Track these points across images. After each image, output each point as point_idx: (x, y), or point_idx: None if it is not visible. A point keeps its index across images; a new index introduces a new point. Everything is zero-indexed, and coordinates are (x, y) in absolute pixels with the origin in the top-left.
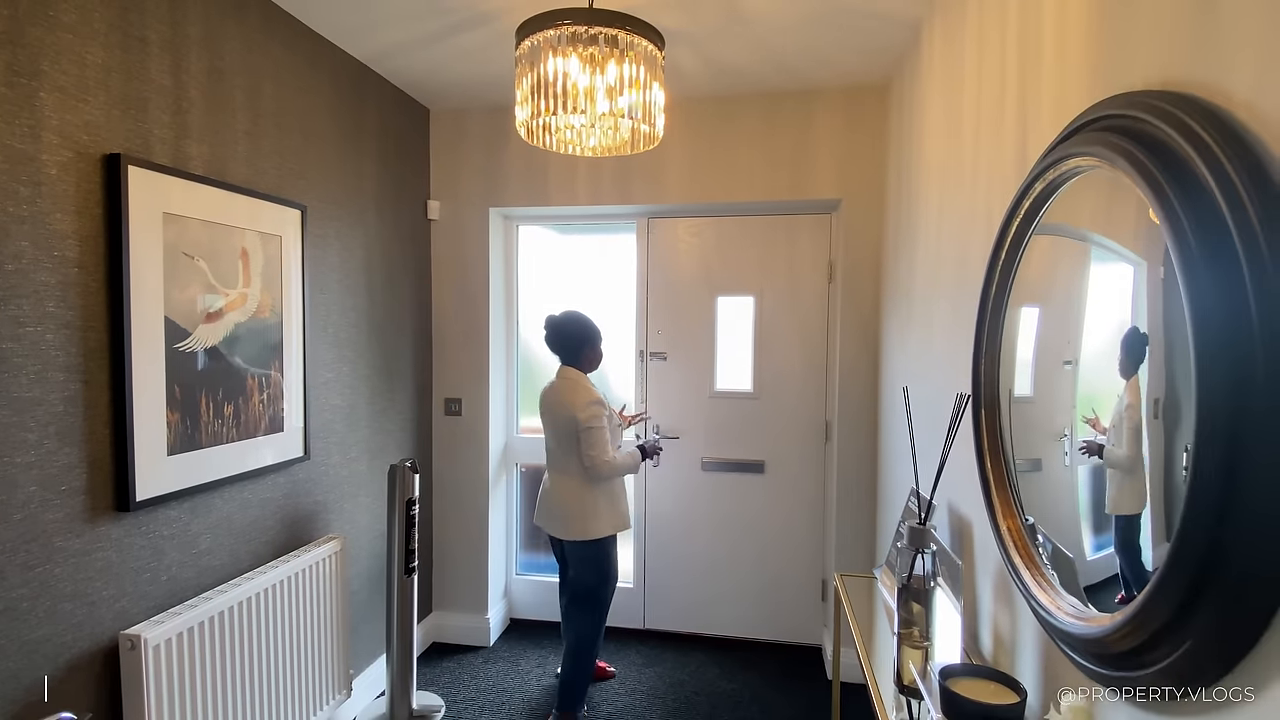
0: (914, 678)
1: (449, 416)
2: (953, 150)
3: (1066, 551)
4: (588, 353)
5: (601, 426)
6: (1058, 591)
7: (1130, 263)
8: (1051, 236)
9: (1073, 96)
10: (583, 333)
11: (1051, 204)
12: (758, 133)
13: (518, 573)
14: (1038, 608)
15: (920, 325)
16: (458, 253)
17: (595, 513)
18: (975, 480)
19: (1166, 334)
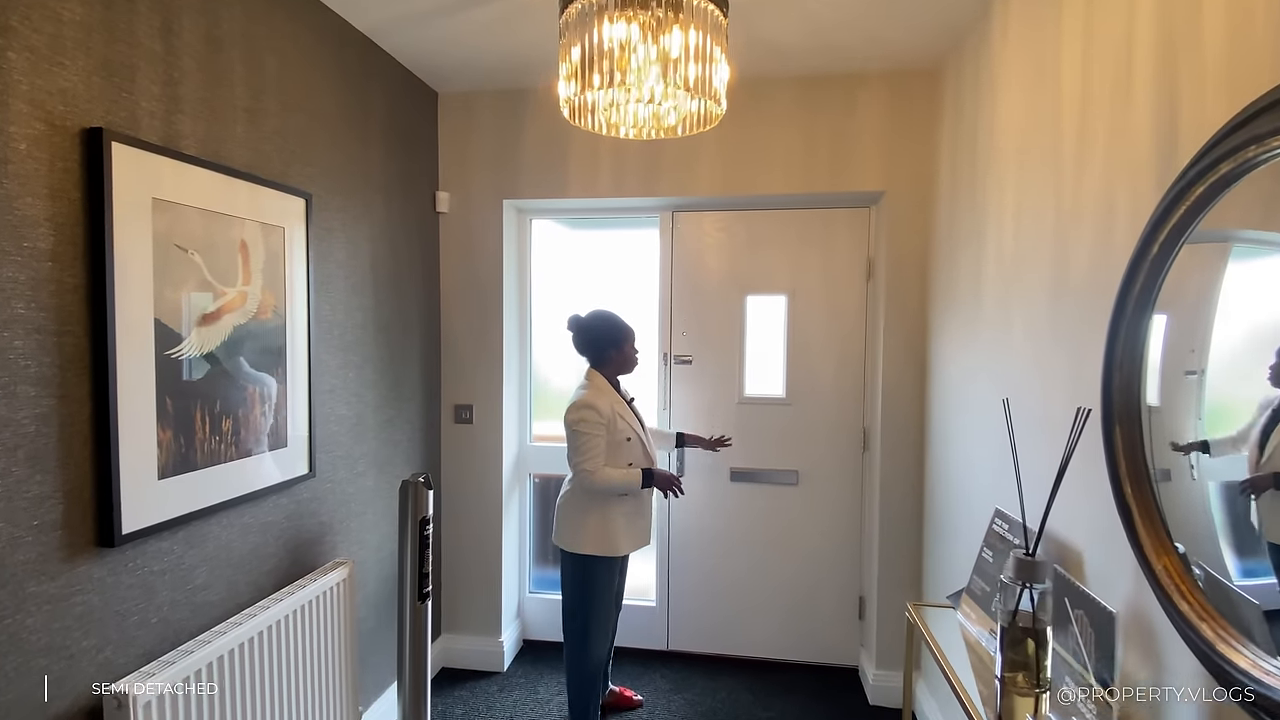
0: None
1: (459, 424)
2: (1040, 137)
3: (1233, 586)
4: (613, 354)
5: (587, 433)
6: (1246, 645)
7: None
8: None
9: (1256, 67)
10: (607, 332)
11: (1221, 200)
12: (796, 120)
13: (531, 590)
14: (1228, 668)
15: (994, 329)
16: (468, 248)
17: (581, 525)
18: (1090, 505)
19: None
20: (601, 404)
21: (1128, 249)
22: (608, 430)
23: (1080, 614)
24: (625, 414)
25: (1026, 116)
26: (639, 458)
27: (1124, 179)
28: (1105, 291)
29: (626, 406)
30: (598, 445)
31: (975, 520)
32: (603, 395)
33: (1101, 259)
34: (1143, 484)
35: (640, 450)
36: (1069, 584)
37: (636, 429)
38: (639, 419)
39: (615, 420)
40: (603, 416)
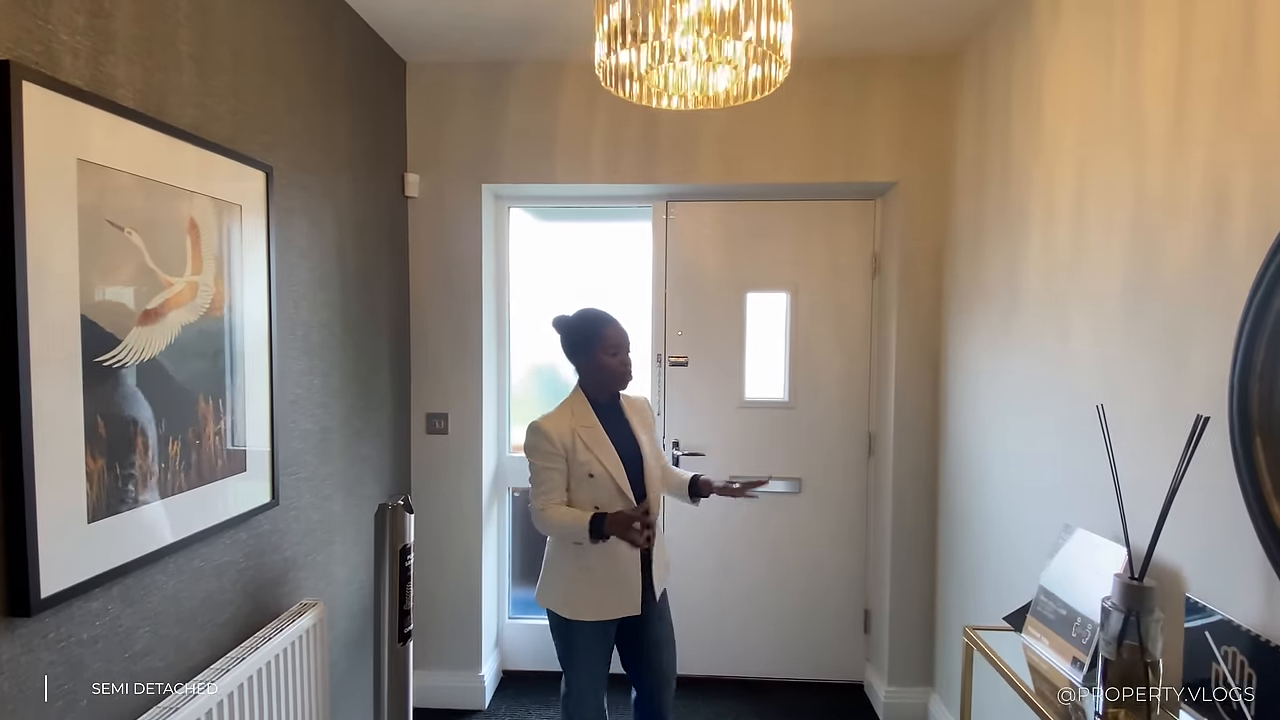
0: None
1: (432, 435)
2: (1109, 118)
3: None
4: (584, 363)
5: (536, 463)
6: None
7: None
8: None
9: None
10: (578, 337)
11: None
12: (806, 104)
13: (511, 616)
14: None
15: (1044, 330)
16: (441, 237)
17: (546, 572)
18: (1204, 524)
19: None
20: (554, 428)
21: (1253, 246)
22: (564, 460)
23: (1232, 652)
24: (595, 443)
25: (1088, 97)
26: (607, 500)
27: (1244, 160)
28: (1219, 289)
29: (599, 434)
30: (550, 479)
31: (1028, 535)
32: (562, 417)
33: (1212, 253)
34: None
35: (609, 490)
36: (1214, 617)
37: (604, 464)
38: (629, 452)
39: (575, 449)
40: (554, 444)
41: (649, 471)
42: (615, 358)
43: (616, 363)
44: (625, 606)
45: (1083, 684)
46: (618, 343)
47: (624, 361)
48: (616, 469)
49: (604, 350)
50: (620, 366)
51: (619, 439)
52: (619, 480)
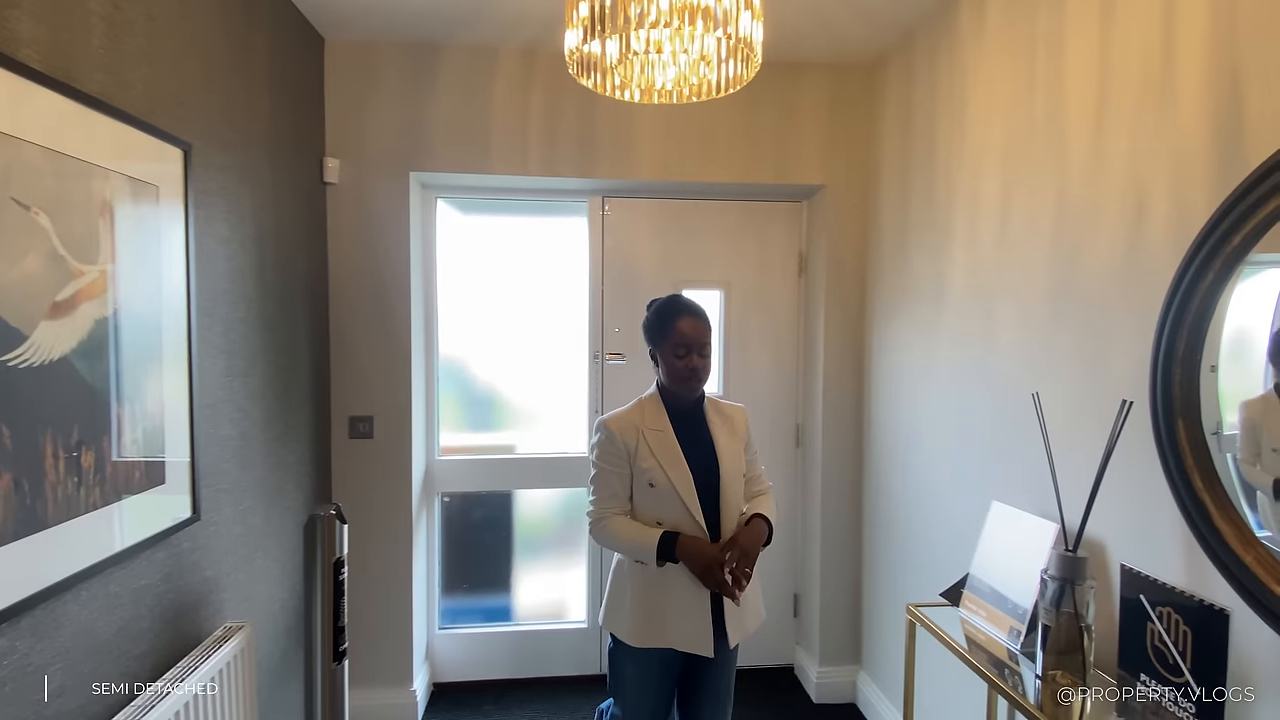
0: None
1: (356, 440)
2: (1034, 129)
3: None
4: (656, 358)
5: (595, 463)
6: None
7: None
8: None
9: None
10: (649, 329)
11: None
12: (740, 106)
13: (441, 627)
14: None
15: (970, 326)
16: (365, 228)
17: (611, 593)
18: (1129, 500)
19: None
20: (619, 426)
21: (1170, 246)
22: (628, 463)
23: (1166, 612)
24: (662, 449)
25: (1012, 105)
26: (673, 515)
27: (1162, 167)
28: (1139, 284)
29: (668, 439)
30: (609, 484)
31: (957, 515)
32: (631, 415)
33: (1132, 251)
34: (1213, 478)
35: (673, 506)
36: (1148, 581)
37: (669, 474)
38: (704, 465)
39: (638, 453)
40: (616, 445)
41: (727, 492)
42: (681, 360)
43: (681, 365)
44: (695, 643)
45: (1020, 651)
46: (687, 341)
47: (691, 365)
48: (683, 481)
49: (671, 347)
50: (685, 369)
51: (694, 449)
52: (685, 495)
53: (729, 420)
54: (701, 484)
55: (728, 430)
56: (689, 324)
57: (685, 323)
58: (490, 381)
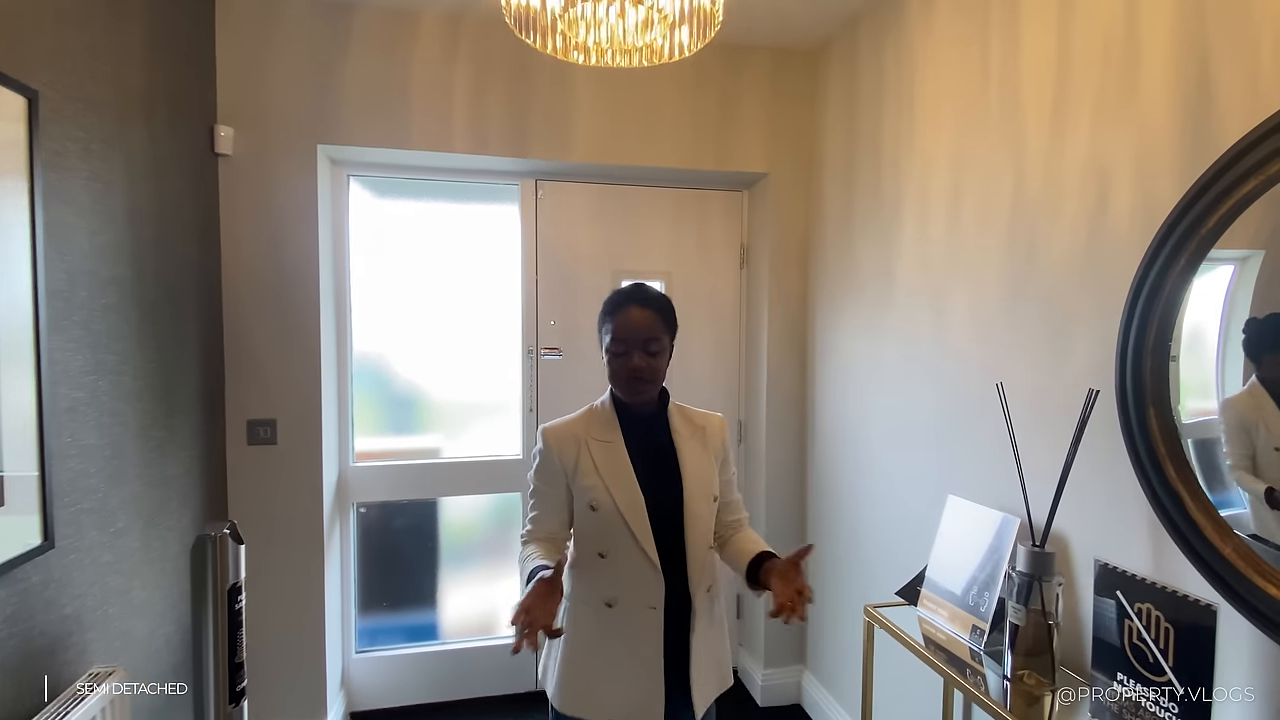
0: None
1: (256, 446)
2: (988, 114)
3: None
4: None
5: (535, 486)
6: None
7: None
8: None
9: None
10: (597, 322)
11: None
12: (680, 91)
13: (357, 650)
14: None
15: (920, 316)
16: (265, 206)
17: (550, 643)
18: (1096, 492)
19: None
20: (556, 435)
21: (1136, 234)
22: (564, 481)
23: (1146, 608)
24: (607, 463)
25: (964, 93)
26: (615, 548)
27: (1126, 157)
28: (1101, 274)
29: (616, 452)
30: (539, 500)
31: (909, 511)
32: (574, 424)
33: (1094, 241)
34: (1185, 467)
35: (617, 533)
36: (1125, 577)
37: (613, 494)
38: (663, 485)
39: (579, 468)
40: (549, 456)
41: (691, 519)
42: (618, 358)
43: (618, 364)
44: (639, 711)
45: (984, 651)
46: (625, 334)
47: (631, 365)
48: (631, 505)
49: (608, 343)
50: (622, 370)
51: (651, 465)
52: (632, 522)
53: (699, 431)
54: (658, 509)
55: (697, 443)
56: (630, 315)
57: (625, 314)
58: (412, 380)
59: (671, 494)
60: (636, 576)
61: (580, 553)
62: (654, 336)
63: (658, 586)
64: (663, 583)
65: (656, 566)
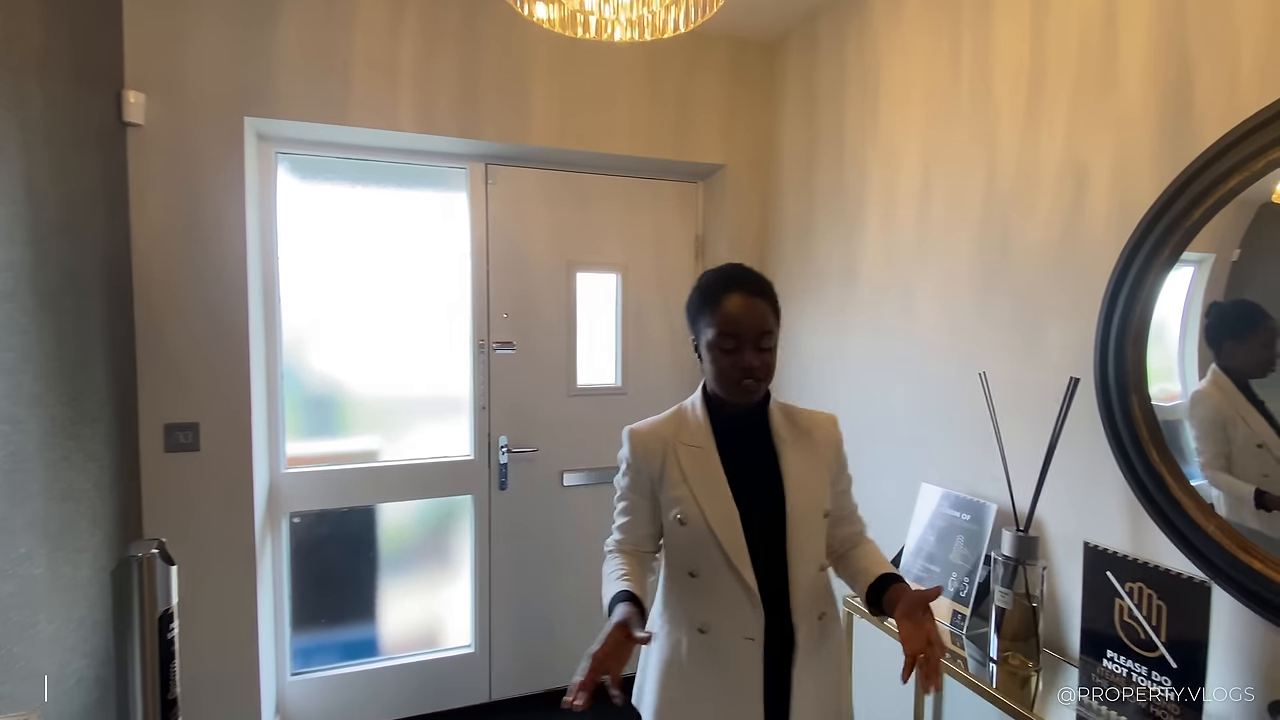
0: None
1: (175, 454)
2: (959, 107)
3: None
4: (698, 351)
5: (621, 490)
6: None
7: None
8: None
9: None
10: (688, 314)
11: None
12: (639, 78)
13: (294, 672)
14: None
15: (887, 308)
16: (183, 184)
17: (642, 655)
18: (1073, 477)
19: None
20: (643, 437)
21: (1115, 225)
22: (651, 489)
23: (1137, 587)
24: (697, 472)
25: (934, 85)
26: (706, 567)
27: (1104, 150)
28: (1077, 266)
29: (708, 460)
30: (626, 504)
31: (879, 501)
32: (664, 425)
33: (1070, 233)
34: (1166, 451)
35: (708, 551)
36: (1115, 558)
37: (703, 507)
38: (763, 496)
39: (666, 477)
40: (635, 459)
41: (795, 537)
42: (729, 355)
43: (728, 363)
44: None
45: (966, 635)
46: (738, 328)
47: (745, 365)
48: (724, 520)
49: (716, 338)
50: (732, 370)
51: (748, 474)
52: (725, 539)
53: (805, 435)
54: (757, 525)
55: (804, 449)
56: (741, 304)
57: (735, 302)
58: (350, 379)
59: (773, 508)
60: (731, 602)
61: (670, 570)
62: (768, 330)
63: (756, 615)
64: (761, 611)
65: (754, 592)
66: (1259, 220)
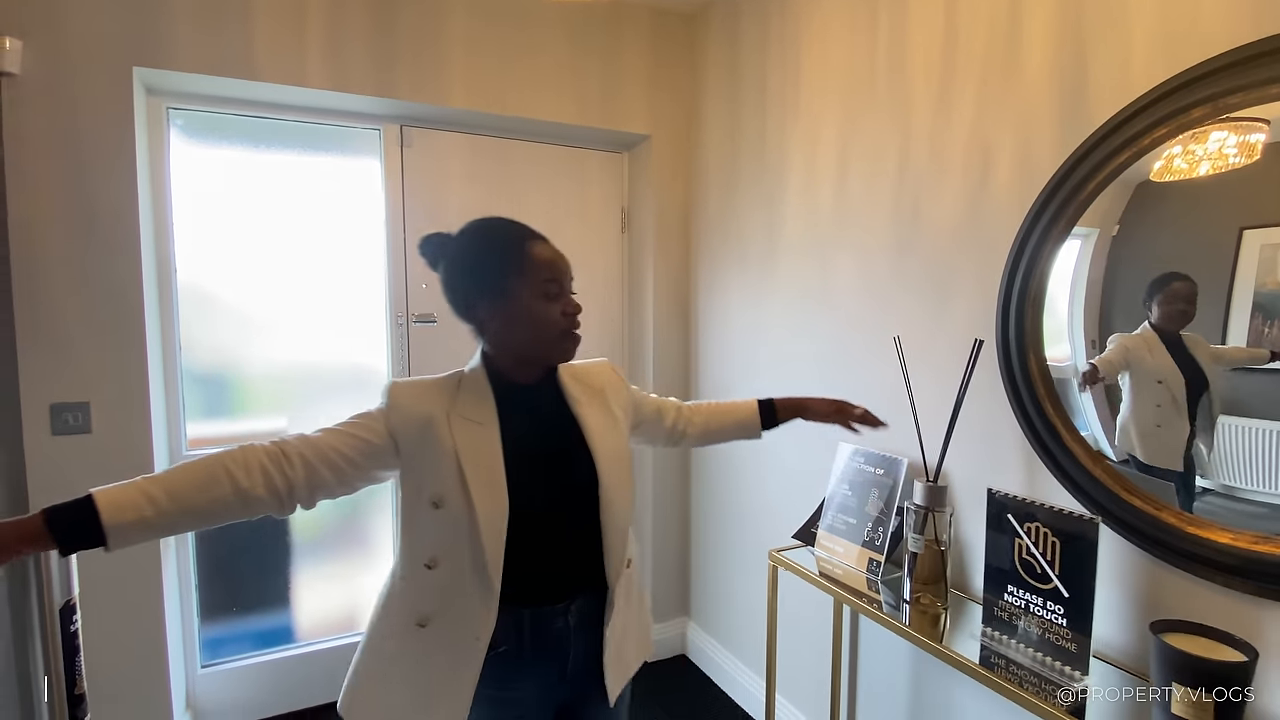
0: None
1: (62, 436)
2: (874, 85)
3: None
4: (490, 314)
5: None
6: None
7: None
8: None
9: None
10: (471, 271)
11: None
12: (562, 44)
13: (204, 664)
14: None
15: (807, 277)
16: (66, 140)
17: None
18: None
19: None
20: (406, 397)
21: (1016, 199)
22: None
23: (1034, 527)
24: (470, 452)
25: (851, 65)
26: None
27: (1006, 130)
28: (981, 236)
29: (486, 439)
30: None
31: (799, 464)
32: (435, 392)
33: (975, 206)
34: (1059, 405)
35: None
36: (1016, 501)
37: (472, 494)
38: (574, 476)
39: (425, 450)
40: (391, 417)
41: (608, 502)
42: (554, 301)
43: (555, 310)
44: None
45: (881, 580)
46: (554, 271)
47: (570, 307)
48: (491, 510)
49: (538, 284)
50: (561, 316)
51: (551, 448)
52: (484, 530)
53: (598, 394)
54: (571, 499)
55: (599, 408)
56: (549, 247)
57: (543, 246)
58: (253, 354)
59: (584, 478)
60: (464, 598)
61: (404, 559)
62: (572, 276)
63: (489, 616)
64: (495, 613)
65: (495, 593)
66: (1136, 197)
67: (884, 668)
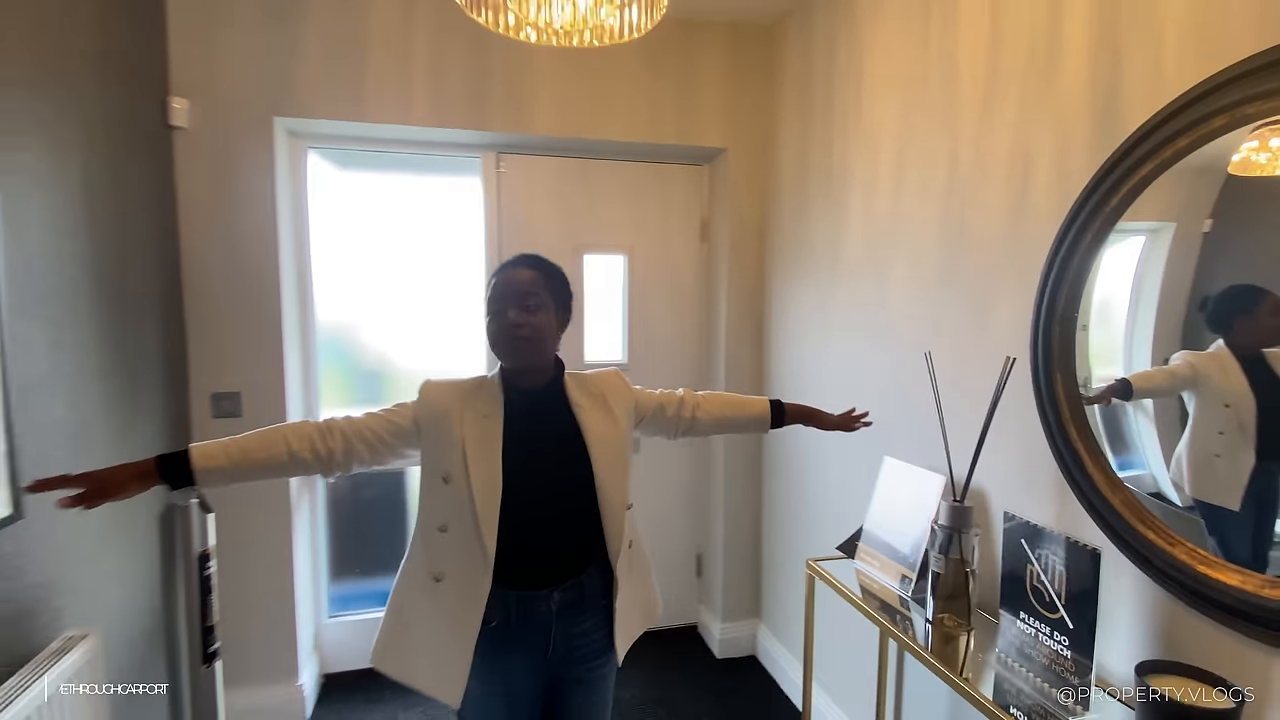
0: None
1: (220, 420)
2: (927, 94)
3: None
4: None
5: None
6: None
7: None
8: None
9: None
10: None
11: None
12: (638, 65)
13: (330, 615)
14: (1208, 590)
15: (865, 288)
16: (224, 181)
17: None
18: (1010, 451)
19: None
20: (437, 392)
21: (1052, 208)
22: (414, 438)
23: (1044, 554)
24: (476, 440)
25: (908, 71)
26: (456, 532)
27: (1045, 137)
28: (1021, 247)
29: (489, 431)
30: (382, 414)
31: (852, 473)
32: (459, 390)
33: (1016, 216)
34: (1086, 429)
35: (463, 517)
36: (1028, 526)
37: (471, 474)
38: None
39: (441, 435)
40: (420, 407)
41: (605, 494)
42: (496, 318)
43: (496, 325)
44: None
45: (911, 598)
46: (500, 292)
47: (509, 321)
48: (485, 484)
49: (487, 306)
50: (499, 331)
51: (551, 446)
52: (479, 501)
53: (601, 400)
54: (569, 489)
55: (601, 412)
56: (508, 275)
57: (504, 274)
58: (379, 353)
59: (582, 470)
60: (468, 557)
61: (421, 525)
62: (532, 291)
63: (485, 576)
64: (491, 575)
65: (490, 556)
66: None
67: (923, 680)
